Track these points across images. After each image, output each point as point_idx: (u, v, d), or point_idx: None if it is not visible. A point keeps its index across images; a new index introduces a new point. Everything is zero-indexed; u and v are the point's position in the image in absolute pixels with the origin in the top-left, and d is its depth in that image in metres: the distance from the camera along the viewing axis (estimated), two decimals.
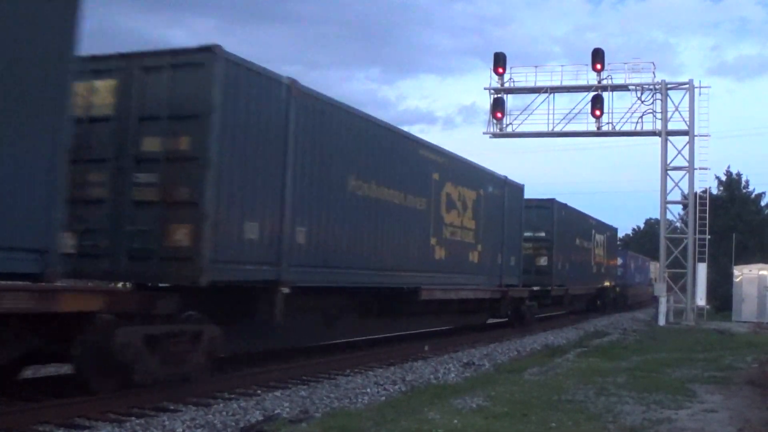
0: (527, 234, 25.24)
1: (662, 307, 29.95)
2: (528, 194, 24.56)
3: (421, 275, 16.47)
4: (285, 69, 12.58)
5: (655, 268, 53.40)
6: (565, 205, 29.27)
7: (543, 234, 27.07)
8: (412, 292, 16.05)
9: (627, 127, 31.43)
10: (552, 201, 27.88)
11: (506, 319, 23.45)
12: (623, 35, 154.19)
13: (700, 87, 31.09)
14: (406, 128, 17.44)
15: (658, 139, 31.32)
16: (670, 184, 31.49)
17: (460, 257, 18.68)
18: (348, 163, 13.53)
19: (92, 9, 8.16)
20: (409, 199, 15.76)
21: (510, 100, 33.00)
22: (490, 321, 23.19)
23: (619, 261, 43.41)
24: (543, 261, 26.93)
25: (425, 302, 16.68)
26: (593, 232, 34.50)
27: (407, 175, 15.72)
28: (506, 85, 31.97)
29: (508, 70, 31.74)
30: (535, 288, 25.82)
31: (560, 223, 28.07)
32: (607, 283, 37.59)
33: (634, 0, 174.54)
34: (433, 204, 16.97)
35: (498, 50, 32.26)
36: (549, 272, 26.97)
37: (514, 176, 22.72)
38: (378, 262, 14.59)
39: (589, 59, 31.37)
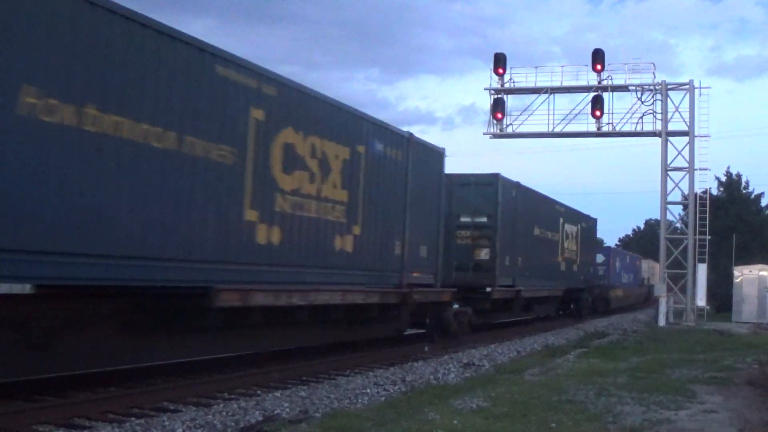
0: (465, 219, 20.91)
1: (662, 308, 29.94)
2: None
3: (229, 268, 10.84)
4: (284, 69, 12.57)
5: (648, 268, 51.70)
6: (518, 184, 23.23)
7: (484, 219, 21.19)
8: (199, 296, 10.24)
9: (627, 128, 31.43)
10: (496, 176, 21.50)
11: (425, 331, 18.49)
12: (622, 36, 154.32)
13: (701, 87, 31.13)
14: (405, 128, 16.28)
15: (658, 140, 31.33)
16: (670, 185, 31.53)
17: (316, 243, 12.89)
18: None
19: None
20: (189, 143, 9.97)
21: (510, 101, 33.11)
22: (410, 332, 18.50)
23: (600, 258, 38.01)
24: (484, 254, 21.01)
25: (236, 312, 11.14)
26: (561, 221, 28.57)
27: (189, 107, 10.03)
28: (506, 85, 31.97)
29: (508, 71, 31.75)
30: (480, 288, 20.71)
31: (509, 205, 22.15)
32: (581, 284, 31.83)
33: (633, 0, 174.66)
34: (253, 158, 11.22)
35: (497, 51, 32.41)
36: (491, 268, 21.01)
37: (515, 176, 21.68)
38: (119, 244, 9.02)
39: (588, 60, 31.39)
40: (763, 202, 54.51)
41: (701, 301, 31.71)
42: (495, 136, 32.42)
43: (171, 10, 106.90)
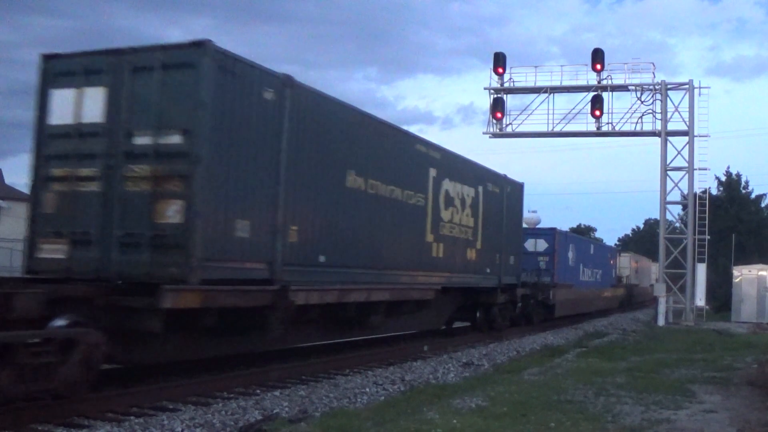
0: (141, 141, 10.14)
1: (661, 308, 29.97)
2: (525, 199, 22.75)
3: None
4: (283, 69, 12.47)
5: (631, 264, 46.93)
6: (286, 78, 11.63)
7: (175, 139, 9.98)
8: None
9: (627, 128, 31.47)
10: (201, 46, 10.00)
11: None
12: (621, 35, 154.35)
13: (700, 87, 31.17)
14: (404, 128, 17.62)
15: (657, 140, 31.36)
16: (669, 185, 31.56)
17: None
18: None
19: (90, 8, 8.12)
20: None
21: (509, 100, 33.09)
22: None
23: (539, 245, 27.88)
24: (172, 212, 9.86)
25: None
26: (433, 174, 16.85)
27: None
28: (506, 85, 32.00)
29: (507, 70, 31.80)
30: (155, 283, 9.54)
31: (240, 113, 10.58)
32: (488, 280, 20.44)
33: (631, 0, 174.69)
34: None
35: (495, 50, 32.34)
36: (184, 240, 9.73)
37: (514, 176, 22.20)
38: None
39: (586, 59, 31.48)
40: (763, 203, 54.56)
41: (700, 300, 31.74)
42: (494, 135, 32.45)
43: (168, 9, 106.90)
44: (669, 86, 31.56)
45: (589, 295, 33.10)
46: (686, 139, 30.99)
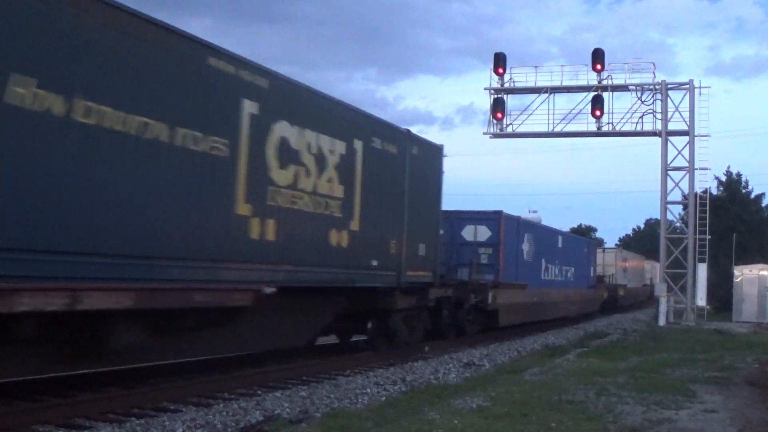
0: None
1: (662, 308, 29.95)
2: (523, 198, 19.41)
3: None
4: (282, 69, 12.19)
5: (615, 261, 40.71)
6: None
7: None
8: None
9: (627, 128, 31.46)
10: None
11: None
12: (620, 35, 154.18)
13: (700, 87, 31.17)
14: (404, 128, 15.88)
15: (658, 140, 31.35)
16: (670, 185, 31.56)
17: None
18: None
19: None
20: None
21: (510, 100, 33.09)
22: None
23: (480, 233, 21.39)
24: None
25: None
26: (255, 110, 10.99)
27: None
28: (506, 85, 32.00)
29: (507, 71, 31.80)
30: None
31: None
32: (383, 280, 14.68)
33: (630, 0, 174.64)
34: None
35: (495, 50, 32.46)
36: None
37: (514, 176, 20.38)
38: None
39: (586, 59, 31.65)
40: (763, 203, 54.59)
41: (701, 300, 31.73)
42: (495, 135, 32.45)
43: (168, 9, 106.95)
44: (669, 86, 31.56)
45: (554, 297, 26.99)
46: (687, 138, 31.00)
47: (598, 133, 31.87)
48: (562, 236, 29.89)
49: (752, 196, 53.76)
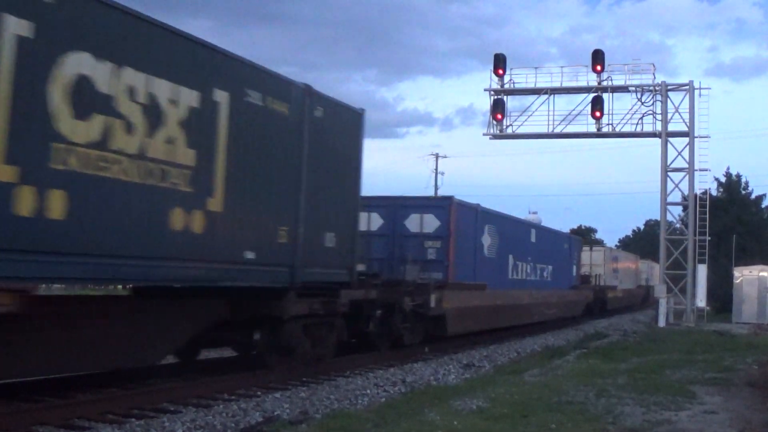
0: None
1: (662, 309, 29.94)
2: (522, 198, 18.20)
3: None
4: (282, 70, 11.87)
5: (603, 260, 37.39)
6: None
7: None
8: None
9: (627, 129, 31.46)
10: None
11: None
12: (619, 36, 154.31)
13: (700, 88, 31.16)
14: (404, 129, 15.79)
15: (658, 141, 31.35)
16: (670, 186, 31.55)
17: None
18: None
19: None
20: None
21: (510, 102, 33.10)
22: None
23: (428, 223, 17.98)
24: None
25: None
26: (11, 29, 7.33)
27: None
28: (506, 86, 31.99)
29: (507, 72, 31.79)
30: None
31: None
32: (268, 278, 11.43)
33: (630, 1, 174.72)
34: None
35: (494, 52, 32.43)
36: None
37: (514, 176, 18.95)
38: None
39: (585, 60, 31.57)
40: (763, 204, 54.56)
41: (701, 301, 31.69)
42: (495, 137, 32.44)
43: (167, 11, 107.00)
44: (669, 87, 31.55)
45: (524, 299, 23.26)
46: (686, 140, 31.00)
47: (598, 134, 31.86)
48: (536, 230, 25.81)
49: (752, 197, 53.76)
